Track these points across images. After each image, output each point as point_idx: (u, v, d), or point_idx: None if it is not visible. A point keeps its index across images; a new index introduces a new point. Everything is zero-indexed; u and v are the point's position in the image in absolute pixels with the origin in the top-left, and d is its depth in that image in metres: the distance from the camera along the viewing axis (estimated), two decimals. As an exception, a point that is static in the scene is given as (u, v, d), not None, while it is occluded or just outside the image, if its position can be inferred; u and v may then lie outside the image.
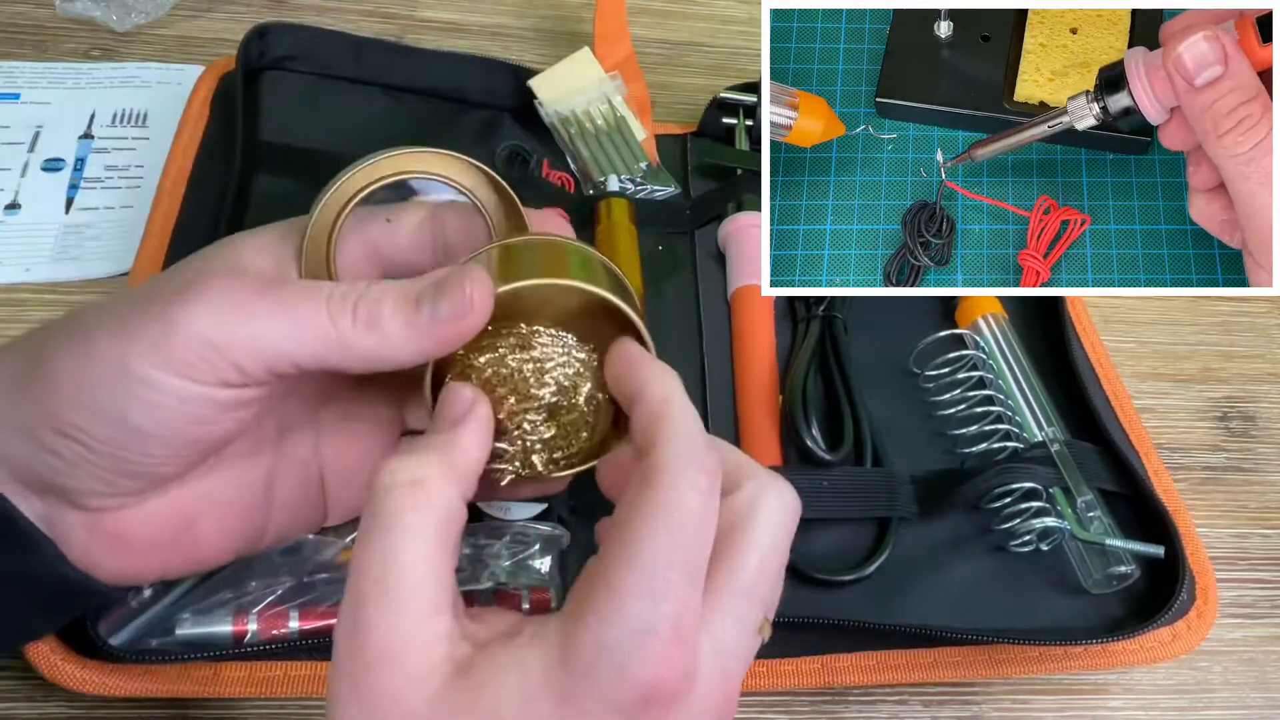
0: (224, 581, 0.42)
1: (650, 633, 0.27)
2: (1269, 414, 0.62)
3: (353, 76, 0.63)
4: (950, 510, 0.51)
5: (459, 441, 0.31)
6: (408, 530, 0.28)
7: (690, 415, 0.31)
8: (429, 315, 0.31)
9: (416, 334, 0.31)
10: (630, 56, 0.67)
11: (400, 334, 0.31)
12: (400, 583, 0.28)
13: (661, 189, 0.62)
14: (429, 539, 0.29)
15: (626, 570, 0.28)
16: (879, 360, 0.56)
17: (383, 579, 0.28)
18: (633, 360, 0.33)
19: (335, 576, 0.43)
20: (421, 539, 0.28)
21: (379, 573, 0.28)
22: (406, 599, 0.28)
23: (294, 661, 0.41)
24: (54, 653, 0.39)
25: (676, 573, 0.28)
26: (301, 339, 0.31)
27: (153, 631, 0.41)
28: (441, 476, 0.30)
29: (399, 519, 0.28)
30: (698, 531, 0.29)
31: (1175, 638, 0.47)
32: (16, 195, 0.58)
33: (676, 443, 0.30)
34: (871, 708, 0.47)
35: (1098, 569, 0.48)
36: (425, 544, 0.28)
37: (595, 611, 0.27)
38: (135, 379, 0.30)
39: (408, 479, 0.29)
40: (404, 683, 0.27)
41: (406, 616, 0.28)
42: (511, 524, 0.45)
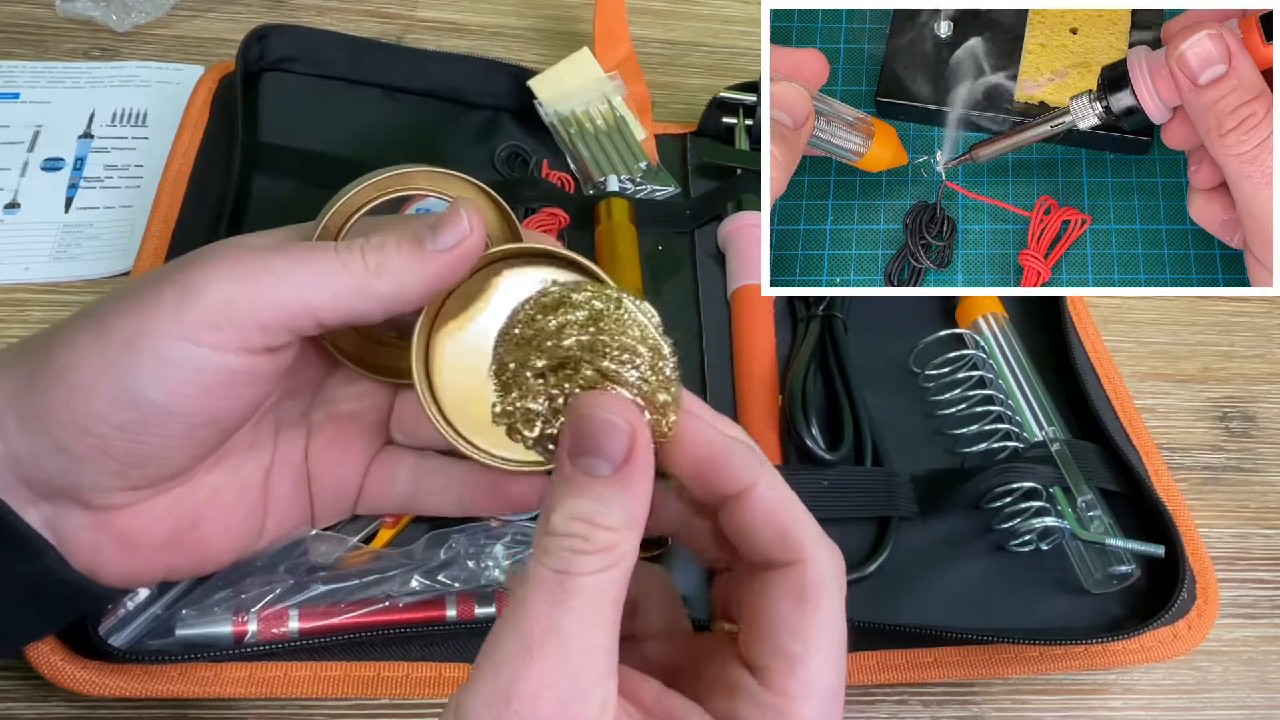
0: (223, 580, 0.42)
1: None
2: (1269, 414, 0.62)
3: (352, 78, 0.63)
4: (950, 510, 0.51)
5: (634, 486, 0.27)
6: (598, 593, 0.26)
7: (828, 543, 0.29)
8: (432, 247, 0.33)
9: (423, 265, 0.33)
10: (630, 56, 0.67)
11: (409, 269, 0.32)
12: (580, 647, 0.26)
13: (661, 189, 0.62)
14: (614, 599, 0.26)
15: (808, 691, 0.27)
16: (879, 360, 0.56)
17: (563, 634, 0.25)
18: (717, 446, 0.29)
19: (334, 575, 0.43)
20: (606, 601, 0.26)
21: (561, 627, 0.25)
22: (583, 664, 0.26)
23: (294, 663, 0.41)
24: (54, 653, 0.39)
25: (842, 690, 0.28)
26: (318, 288, 0.31)
27: (153, 632, 0.41)
28: (628, 535, 0.27)
29: (597, 578, 0.26)
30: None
31: (1176, 637, 0.47)
32: (16, 195, 0.58)
33: (829, 554, 0.29)
34: (871, 707, 0.47)
35: (1098, 568, 0.48)
36: (609, 606, 0.26)
37: None
38: (154, 351, 0.30)
39: (605, 542, 0.26)
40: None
41: (582, 682, 0.25)
42: (512, 523, 0.45)
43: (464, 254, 0.33)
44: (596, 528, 0.26)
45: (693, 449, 0.29)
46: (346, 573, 0.43)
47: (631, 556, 0.27)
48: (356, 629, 0.42)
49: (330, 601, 0.42)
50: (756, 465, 0.29)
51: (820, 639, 0.28)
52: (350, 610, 0.42)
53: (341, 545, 0.43)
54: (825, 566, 0.28)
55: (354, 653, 0.42)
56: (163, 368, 0.30)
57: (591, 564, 0.26)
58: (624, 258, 0.57)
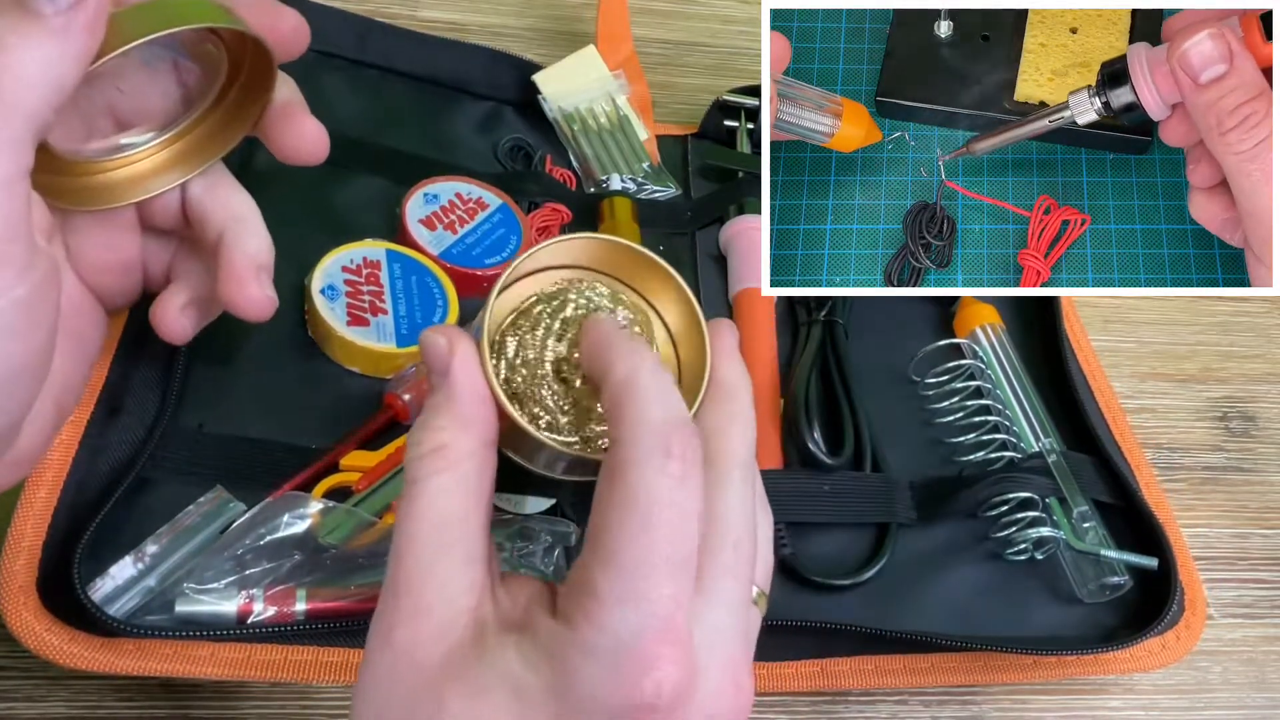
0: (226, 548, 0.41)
1: (638, 637, 0.26)
2: (1269, 414, 0.62)
3: (356, 57, 0.63)
4: (948, 517, 0.51)
5: (458, 393, 0.30)
6: (439, 491, 0.29)
7: (656, 394, 0.28)
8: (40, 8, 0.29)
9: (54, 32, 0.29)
10: (631, 56, 0.67)
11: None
12: (435, 539, 0.29)
13: (662, 189, 0.62)
14: (458, 495, 0.29)
15: (603, 573, 0.27)
16: (878, 366, 0.56)
17: (421, 537, 0.29)
18: (599, 339, 0.30)
19: (343, 554, 0.42)
20: (450, 496, 0.29)
21: (419, 532, 0.29)
22: (439, 555, 0.28)
23: (296, 646, 0.40)
24: (38, 621, 0.37)
25: (658, 571, 0.26)
26: None
27: (148, 607, 0.40)
28: (458, 432, 0.30)
29: (430, 484, 0.29)
30: (675, 522, 0.27)
31: (1165, 647, 0.48)
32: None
33: (639, 429, 0.28)
34: (871, 708, 0.47)
35: (1091, 579, 0.48)
36: (455, 500, 0.29)
37: (581, 617, 0.27)
38: None
39: (431, 446, 0.29)
40: (428, 636, 0.28)
41: (438, 572, 0.28)
42: (517, 518, 0.45)
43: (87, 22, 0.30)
44: (427, 430, 0.29)
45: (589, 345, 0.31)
46: (354, 553, 0.42)
47: (474, 461, 0.29)
48: (364, 614, 0.41)
49: (339, 584, 0.42)
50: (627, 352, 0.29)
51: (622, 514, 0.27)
52: (359, 593, 0.41)
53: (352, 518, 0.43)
54: (636, 447, 0.27)
55: (358, 639, 0.41)
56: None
57: (427, 467, 0.29)
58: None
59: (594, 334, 0.31)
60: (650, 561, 0.26)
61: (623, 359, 0.29)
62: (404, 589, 0.28)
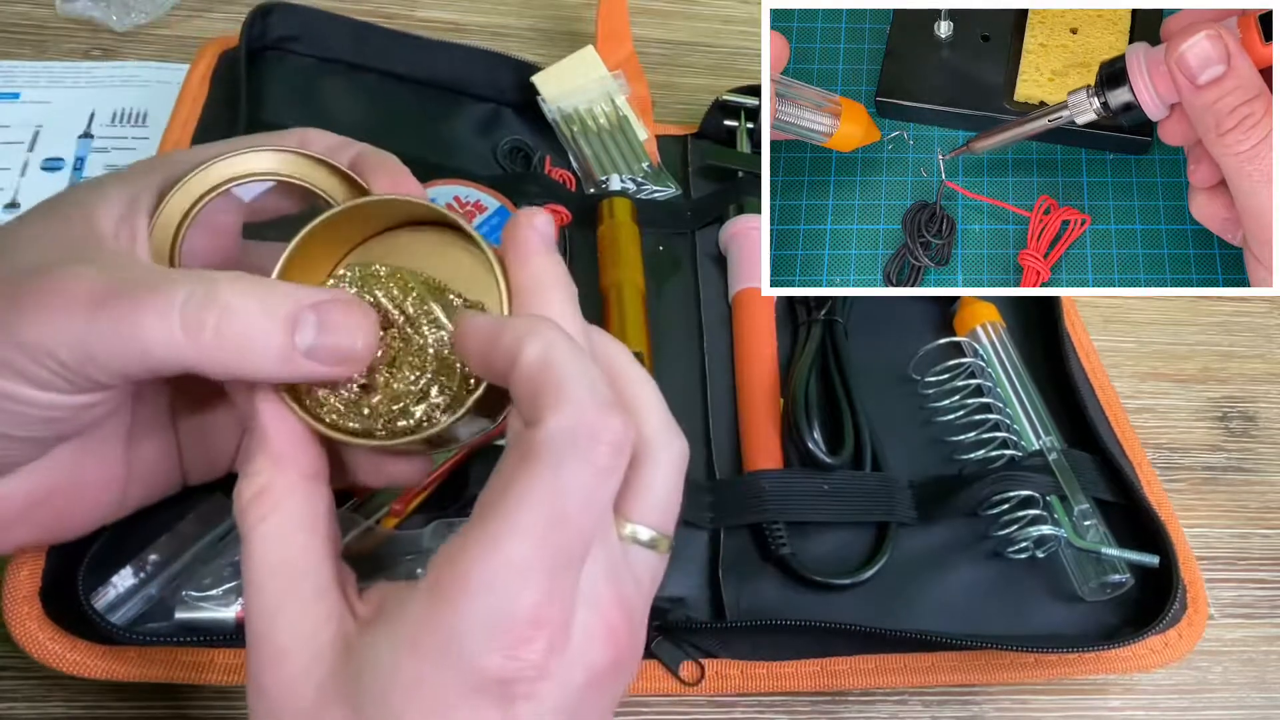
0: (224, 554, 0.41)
1: (506, 622, 0.26)
2: (1269, 414, 0.62)
3: (353, 61, 0.62)
4: (948, 516, 0.51)
5: (266, 434, 0.30)
6: (268, 537, 0.29)
7: (579, 372, 0.27)
8: (301, 344, 0.29)
9: (282, 365, 0.29)
10: (631, 56, 0.67)
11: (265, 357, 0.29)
12: (276, 584, 0.29)
13: (662, 189, 0.62)
14: (291, 534, 0.29)
15: (486, 557, 0.26)
16: (878, 365, 0.56)
17: (261, 585, 0.29)
18: (488, 332, 0.29)
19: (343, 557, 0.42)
20: (282, 539, 0.29)
21: (259, 580, 0.29)
22: (284, 597, 0.29)
23: None
24: (41, 630, 0.38)
25: (543, 567, 0.26)
26: (153, 350, 0.28)
27: (148, 615, 0.40)
28: (275, 473, 0.30)
29: (258, 530, 0.29)
30: (581, 518, 0.26)
31: (1167, 645, 0.47)
32: (16, 194, 0.58)
33: (566, 414, 0.26)
34: (871, 707, 0.47)
35: (1093, 577, 0.48)
36: (289, 541, 0.29)
37: (455, 591, 0.26)
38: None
39: (251, 494, 0.29)
40: (295, 675, 0.28)
41: (287, 613, 0.29)
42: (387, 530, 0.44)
43: (336, 371, 0.30)
44: (246, 478, 0.30)
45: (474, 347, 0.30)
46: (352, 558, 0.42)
47: (296, 496, 0.30)
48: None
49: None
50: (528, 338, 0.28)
51: (520, 502, 0.26)
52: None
53: (364, 525, 0.43)
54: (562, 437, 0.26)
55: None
56: None
57: (253, 515, 0.29)
58: (626, 257, 0.57)
59: (475, 331, 0.29)
60: (539, 560, 0.26)
61: (532, 339, 0.28)
62: (260, 637, 0.29)
